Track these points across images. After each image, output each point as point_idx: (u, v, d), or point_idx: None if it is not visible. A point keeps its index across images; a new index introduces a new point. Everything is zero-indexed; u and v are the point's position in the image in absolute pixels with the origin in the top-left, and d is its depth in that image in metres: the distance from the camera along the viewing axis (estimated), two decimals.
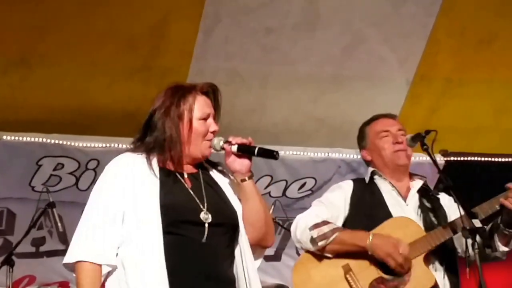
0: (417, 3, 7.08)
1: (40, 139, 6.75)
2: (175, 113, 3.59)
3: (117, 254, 3.41)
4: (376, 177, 4.60)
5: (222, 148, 3.60)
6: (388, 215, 4.43)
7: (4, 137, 6.70)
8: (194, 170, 3.66)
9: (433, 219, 4.42)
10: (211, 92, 3.73)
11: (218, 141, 3.61)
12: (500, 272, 4.52)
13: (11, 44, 6.57)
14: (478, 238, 3.98)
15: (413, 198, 4.52)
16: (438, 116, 7.56)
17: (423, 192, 4.54)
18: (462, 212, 4.06)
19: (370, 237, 4.24)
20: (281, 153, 7.08)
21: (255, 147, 3.64)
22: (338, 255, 4.37)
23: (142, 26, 6.75)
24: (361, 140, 4.78)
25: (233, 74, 7.14)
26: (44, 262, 7.27)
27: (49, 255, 7.27)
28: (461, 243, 4.28)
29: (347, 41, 7.19)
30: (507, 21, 7.29)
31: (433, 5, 7.08)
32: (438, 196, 4.56)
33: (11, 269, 6.41)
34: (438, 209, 4.45)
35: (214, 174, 3.73)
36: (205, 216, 3.48)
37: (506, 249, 4.34)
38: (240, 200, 3.64)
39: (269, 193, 7.57)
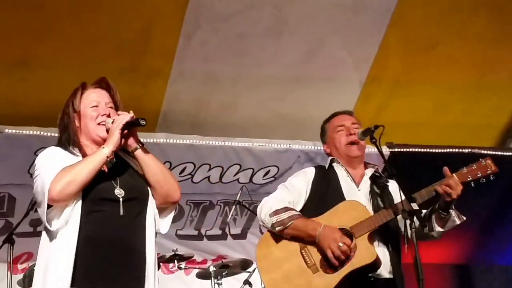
0: (371, 14, 6.96)
1: (38, 132, 6.54)
2: (70, 110, 3.67)
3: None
4: (334, 164, 4.55)
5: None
6: (342, 198, 4.36)
7: (6, 130, 6.49)
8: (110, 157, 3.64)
9: (380, 203, 4.33)
10: (104, 83, 3.78)
11: (108, 122, 3.61)
12: (434, 248, 4.41)
13: (12, 47, 6.41)
14: (415, 219, 3.96)
15: (365, 184, 4.46)
16: (386, 113, 7.47)
17: (374, 179, 4.47)
18: (403, 197, 4.01)
19: (320, 229, 4.19)
20: (249, 144, 7.15)
21: (137, 119, 3.55)
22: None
23: (129, 32, 6.59)
24: (322, 135, 4.74)
25: (209, 75, 7.02)
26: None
27: None
28: (403, 223, 4.19)
29: (309, 46, 7.08)
30: (447, 31, 7.22)
31: (385, 16, 6.98)
32: (387, 183, 4.47)
33: (11, 247, 6.20)
34: (385, 194, 4.37)
35: (128, 158, 3.71)
36: (119, 192, 3.51)
37: (441, 230, 4.29)
38: None
39: (237, 179, 7.36)
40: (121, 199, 3.52)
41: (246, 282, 6.74)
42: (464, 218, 4.29)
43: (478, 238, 8.02)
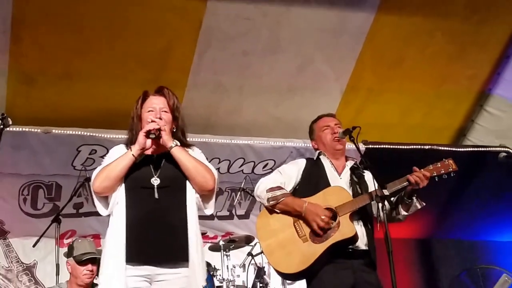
0: (349, 36, 6.92)
1: (79, 132, 6.55)
2: (134, 114, 3.75)
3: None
4: (321, 157, 4.62)
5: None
6: (327, 184, 4.44)
7: (53, 130, 6.48)
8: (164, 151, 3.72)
9: (358, 189, 4.42)
10: (161, 91, 3.82)
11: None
12: (401, 225, 4.45)
13: (58, 62, 6.41)
14: (386, 203, 4.09)
15: (346, 173, 4.53)
16: (362, 116, 7.42)
17: (353, 170, 4.55)
18: (376, 185, 4.19)
19: (305, 205, 4.26)
20: (251, 142, 7.17)
21: (149, 131, 3.63)
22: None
23: (153, 50, 6.58)
24: (311, 134, 4.82)
25: (218, 85, 6.98)
26: (82, 220, 7.10)
27: (86, 215, 7.08)
28: (376, 207, 4.28)
29: (299, 62, 7.04)
30: (411, 50, 7.19)
31: (360, 37, 6.95)
32: (364, 173, 4.57)
33: (58, 226, 6.23)
34: (362, 183, 4.48)
35: (187, 151, 3.76)
36: (155, 181, 3.57)
37: (406, 213, 4.40)
38: None
39: (242, 170, 7.34)
40: (155, 186, 3.55)
41: (249, 254, 6.77)
42: (424, 204, 4.40)
43: (437, 217, 8.06)
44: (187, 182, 3.66)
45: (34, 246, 6.35)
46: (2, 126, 3.84)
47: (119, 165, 3.57)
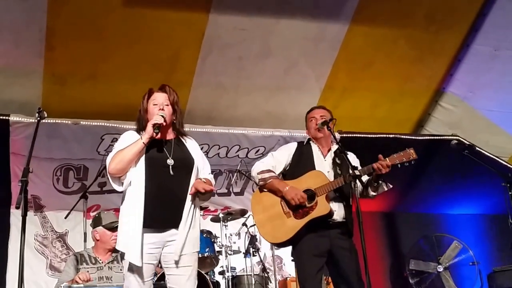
0: (327, 43, 6.90)
1: (103, 123, 6.55)
2: (141, 107, 3.80)
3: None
4: (310, 142, 4.56)
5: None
6: (313, 167, 4.39)
7: (81, 122, 6.49)
8: (171, 137, 3.79)
9: (338, 170, 4.35)
10: (163, 88, 3.84)
11: (160, 114, 3.71)
12: (369, 200, 4.44)
13: (84, 65, 6.42)
14: (358, 183, 4.06)
15: (330, 156, 4.47)
16: (338, 110, 7.02)
17: (337, 153, 4.47)
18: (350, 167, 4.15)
19: (286, 188, 4.25)
20: (245, 132, 7.13)
21: (155, 124, 3.64)
22: None
23: (164, 55, 6.55)
24: (305, 123, 4.71)
25: (219, 84, 6.95)
26: (105, 196, 7.06)
27: (108, 193, 7.03)
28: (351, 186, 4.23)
29: (286, 65, 7.01)
30: (379, 54, 7.16)
31: (336, 44, 6.92)
32: (347, 155, 4.47)
33: (85, 201, 6.22)
34: (343, 164, 4.36)
35: (185, 140, 3.84)
36: (170, 162, 3.62)
37: (374, 193, 4.37)
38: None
39: (238, 155, 7.30)
40: (170, 166, 3.61)
41: (244, 224, 6.75)
42: (391, 186, 4.36)
43: (400, 194, 8.06)
44: (194, 165, 3.72)
45: (65, 218, 6.33)
46: (39, 118, 3.83)
47: (131, 151, 3.58)
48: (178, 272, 3.60)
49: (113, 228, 5.02)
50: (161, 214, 3.57)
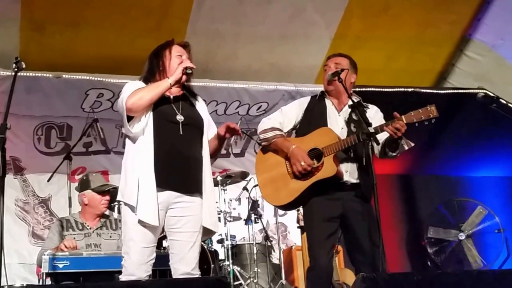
0: None
1: (87, 77, 6.57)
2: (162, 54, 3.85)
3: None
4: (324, 95, 4.48)
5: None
6: (325, 123, 4.34)
7: (64, 75, 6.50)
8: (180, 93, 3.89)
9: (353, 128, 4.27)
10: (184, 44, 3.97)
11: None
12: (384, 162, 4.47)
13: (65, 11, 6.36)
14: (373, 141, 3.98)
15: (346, 111, 4.37)
16: None
17: (354, 107, 4.29)
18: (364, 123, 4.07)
19: (291, 148, 4.26)
20: (246, 86, 7.16)
21: (187, 68, 3.78)
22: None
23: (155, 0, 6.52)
24: None
25: (216, 33, 6.91)
26: (91, 158, 7.21)
27: (94, 154, 7.21)
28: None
29: (292, 11, 6.96)
30: None
31: None
32: (368, 108, 4.44)
33: (70, 162, 6.34)
34: (360, 121, 4.19)
35: (193, 98, 3.96)
36: (180, 118, 3.72)
37: (394, 154, 4.26)
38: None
39: (238, 112, 7.36)
40: (180, 123, 3.72)
41: (244, 188, 6.84)
42: (412, 144, 4.27)
43: (418, 154, 8.03)
44: (203, 123, 3.86)
45: (48, 181, 6.48)
46: (16, 70, 3.80)
47: (156, 89, 3.69)
48: (182, 237, 3.70)
49: (103, 192, 5.11)
50: (170, 176, 3.67)
